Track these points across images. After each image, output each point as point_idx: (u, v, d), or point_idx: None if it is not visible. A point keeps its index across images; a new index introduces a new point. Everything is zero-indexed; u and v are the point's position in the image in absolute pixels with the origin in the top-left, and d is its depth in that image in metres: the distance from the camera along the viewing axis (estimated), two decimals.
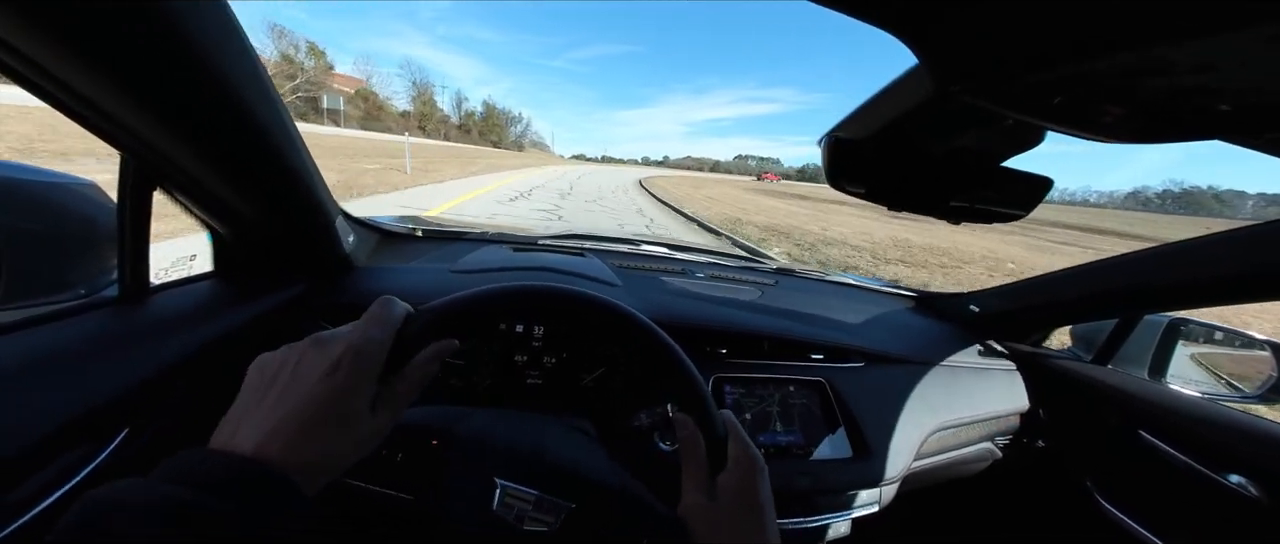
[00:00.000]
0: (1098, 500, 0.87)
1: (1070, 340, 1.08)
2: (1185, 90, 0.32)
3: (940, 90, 0.37)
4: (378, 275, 0.76)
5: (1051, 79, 0.32)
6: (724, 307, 0.86)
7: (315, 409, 0.28)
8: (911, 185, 0.48)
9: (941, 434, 0.85)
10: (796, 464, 0.73)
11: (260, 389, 0.29)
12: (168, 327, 0.47)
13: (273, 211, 0.53)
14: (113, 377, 0.39)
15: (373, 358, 0.31)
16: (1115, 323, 0.94)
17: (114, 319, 0.46)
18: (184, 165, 0.42)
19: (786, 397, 0.79)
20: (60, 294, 0.50)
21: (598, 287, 0.83)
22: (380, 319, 0.33)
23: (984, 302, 1.11)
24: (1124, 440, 0.85)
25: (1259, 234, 0.63)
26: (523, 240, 1.10)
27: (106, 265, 0.55)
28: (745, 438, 0.41)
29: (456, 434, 0.42)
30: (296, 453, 0.27)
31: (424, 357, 0.34)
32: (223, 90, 0.36)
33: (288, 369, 0.30)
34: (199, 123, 0.37)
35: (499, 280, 0.81)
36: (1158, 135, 0.39)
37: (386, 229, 0.98)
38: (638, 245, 1.20)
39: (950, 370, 0.93)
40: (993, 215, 0.50)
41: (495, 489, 0.37)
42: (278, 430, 0.27)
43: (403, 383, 0.33)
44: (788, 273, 1.23)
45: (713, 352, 0.79)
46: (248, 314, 0.55)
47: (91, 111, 0.35)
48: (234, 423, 0.28)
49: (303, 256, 0.63)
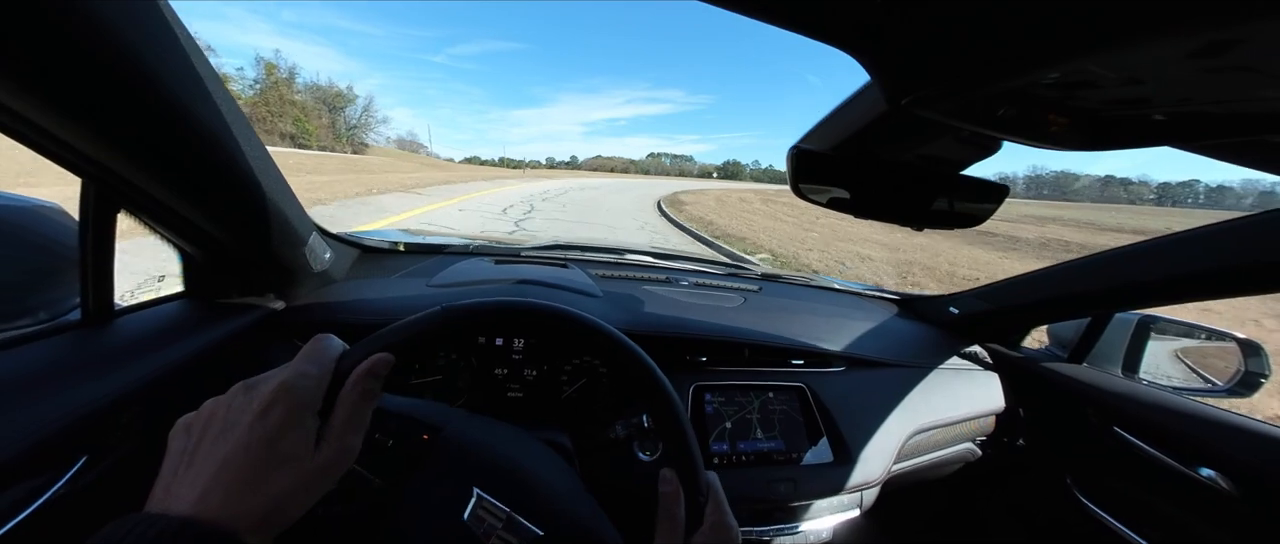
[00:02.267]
0: (1077, 497, 0.88)
1: (1048, 340, 1.10)
2: (1120, 101, 0.34)
3: (893, 104, 0.38)
4: (355, 292, 0.75)
5: (993, 93, 0.33)
6: (704, 315, 0.87)
7: (250, 455, 0.27)
8: (874, 194, 0.49)
9: (922, 436, 0.86)
10: (778, 470, 0.73)
11: (187, 447, 0.28)
12: (132, 350, 0.46)
13: (242, 231, 0.52)
14: (72, 402, 0.39)
15: (308, 393, 0.30)
16: (1088, 321, 0.96)
17: (76, 343, 0.45)
18: (145, 188, 0.42)
19: (767, 403, 0.80)
20: (22, 319, 0.49)
21: (577, 298, 0.83)
22: (313, 355, 0.32)
23: (964, 303, 1.13)
24: (1100, 437, 0.87)
25: (1225, 231, 0.65)
26: (504, 252, 1.09)
27: (70, 289, 0.54)
28: (726, 506, 0.40)
29: (448, 433, 0.41)
30: (239, 504, 0.26)
31: (354, 379, 0.32)
32: (178, 111, 0.36)
33: (217, 420, 0.29)
34: (156, 146, 0.37)
35: (477, 293, 0.81)
36: (1105, 143, 0.40)
37: (366, 244, 0.97)
38: (622, 255, 1.20)
39: (930, 373, 0.94)
40: (954, 221, 0.51)
41: (471, 498, 0.37)
42: (215, 484, 0.26)
43: (340, 413, 0.31)
44: (772, 278, 1.24)
45: (692, 360, 0.79)
46: (219, 335, 0.55)
47: (42, 137, 0.35)
48: (166, 483, 0.27)
49: (277, 275, 0.63)
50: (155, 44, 0.32)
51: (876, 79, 0.37)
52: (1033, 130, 0.39)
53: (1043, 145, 0.42)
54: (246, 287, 0.62)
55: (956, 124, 0.39)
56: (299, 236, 0.61)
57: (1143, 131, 0.38)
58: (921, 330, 1.06)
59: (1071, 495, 0.89)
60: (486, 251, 1.07)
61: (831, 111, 0.49)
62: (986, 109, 0.35)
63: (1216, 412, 0.76)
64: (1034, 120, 0.37)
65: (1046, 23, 0.24)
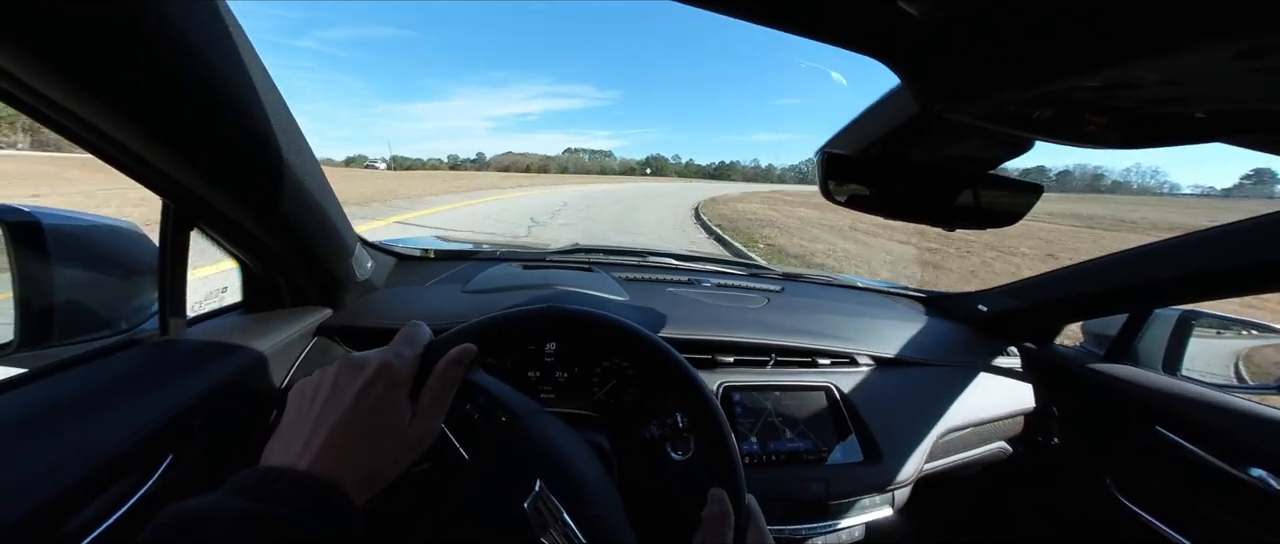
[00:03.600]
0: (1118, 498, 0.86)
1: (1081, 337, 1.07)
2: (1160, 100, 0.34)
3: (925, 109, 0.38)
4: (396, 298, 0.79)
5: (1030, 96, 0.34)
6: (730, 316, 0.87)
7: (356, 424, 0.31)
8: (904, 195, 0.49)
9: (953, 435, 0.85)
10: (808, 470, 0.74)
11: (303, 410, 0.32)
12: (205, 357, 0.50)
13: (299, 244, 0.56)
14: (159, 406, 0.42)
15: (402, 374, 0.34)
16: (1126, 318, 0.94)
17: (158, 352, 0.49)
18: (220, 206, 0.45)
19: (796, 403, 0.80)
20: (104, 331, 0.53)
21: (606, 303, 0.85)
22: (407, 340, 0.36)
23: (992, 301, 1.11)
24: (1141, 437, 0.84)
25: (1271, 223, 0.63)
26: (531, 257, 1.12)
27: (144, 301, 0.58)
28: (765, 529, 0.42)
29: (525, 422, 0.44)
30: (346, 466, 0.29)
31: (444, 364, 0.36)
32: (254, 134, 0.39)
33: (324, 390, 0.32)
34: (232, 166, 0.40)
35: (510, 299, 0.84)
36: (1145, 141, 0.40)
37: (400, 252, 1.01)
38: (644, 257, 1.21)
39: (960, 371, 0.93)
40: (987, 219, 0.51)
41: (533, 489, 0.38)
42: (326, 445, 0.29)
43: (429, 393, 0.35)
44: (794, 278, 1.24)
45: (720, 362, 0.81)
46: (276, 343, 0.58)
47: (131, 160, 0.38)
48: (283, 442, 0.31)
49: (327, 285, 0.66)
50: (239, 73, 0.35)
51: (909, 85, 0.38)
52: (1069, 130, 0.39)
53: (1078, 144, 0.42)
54: (298, 296, 0.65)
55: (990, 127, 0.40)
56: (347, 247, 0.65)
57: (1184, 128, 0.38)
58: (949, 329, 1.05)
59: (1110, 496, 0.87)
60: (514, 257, 1.10)
61: (859, 115, 0.50)
62: (1021, 112, 0.36)
63: (1267, 410, 0.74)
64: (1070, 121, 0.37)
65: (1089, 32, 0.25)
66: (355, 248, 0.69)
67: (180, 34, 0.29)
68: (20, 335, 0.47)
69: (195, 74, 0.32)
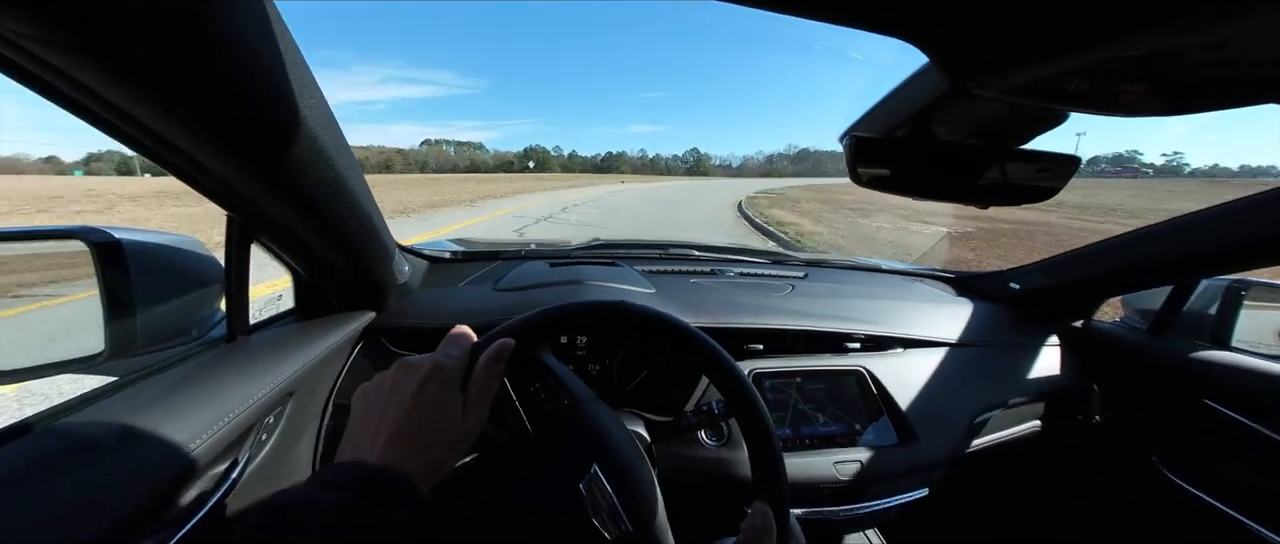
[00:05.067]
0: (1164, 474, 0.84)
1: (1122, 312, 1.04)
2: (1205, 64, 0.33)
3: (956, 87, 0.38)
4: (434, 299, 0.82)
5: (1065, 70, 0.33)
6: (756, 305, 0.88)
7: (414, 421, 0.33)
8: (936, 174, 0.49)
9: (989, 415, 0.84)
10: (842, 452, 0.74)
11: (368, 412, 0.35)
12: (269, 361, 0.54)
13: (351, 251, 0.59)
14: (235, 407, 0.46)
15: (453, 371, 0.37)
16: (1170, 290, 0.90)
17: (228, 356, 0.53)
18: (280, 219, 0.48)
19: (827, 388, 0.81)
20: (178, 339, 0.58)
21: (635, 296, 0.86)
22: (454, 342, 0.40)
23: (1026, 278, 1.08)
24: (1189, 411, 0.82)
25: None
26: (556, 254, 1.15)
27: (209, 310, 0.63)
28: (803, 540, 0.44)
29: (586, 407, 0.46)
30: (411, 459, 0.32)
31: (484, 360, 0.38)
32: (314, 150, 0.42)
33: (385, 392, 0.35)
34: (294, 181, 0.43)
35: (541, 295, 0.86)
36: (1186, 108, 0.39)
37: (430, 255, 1.05)
38: (666, 250, 1.23)
39: (994, 350, 0.92)
40: (1022, 195, 0.51)
41: (589, 472, 0.41)
42: (392, 442, 0.32)
43: (475, 386, 0.37)
44: (818, 264, 1.23)
45: (749, 349, 0.81)
46: (329, 345, 0.62)
47: (205, 176, 0.41)
48: (354, 441, 0.34)
49: (372, 289, 0.70)
50: (299, 90, 0.38)
51: (939, 64, 0.38)
52: (1106, 101, 0.38)
53: (1116, 114, 0.41)
54: (346, 301, 0.69)
55: (1024, 102, 0.39)
56: (389, 252, 0.68)
57: (1230, 91, 0.37)
58: (980, 308, 1.03)
59: (1157, 473, 0.85)
60: (538, 255, 1.13)
61: (885, 97, 0.50)
62: (1057, 84, 0.36)
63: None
64: (1108, 91, 0.37)
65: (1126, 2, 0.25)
66: (395, 252, 0.72)
67: (252, 57, 0.32)
68: (109, 346, 0.52)
69: (262, 93, 0.35)
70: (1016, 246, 7.13)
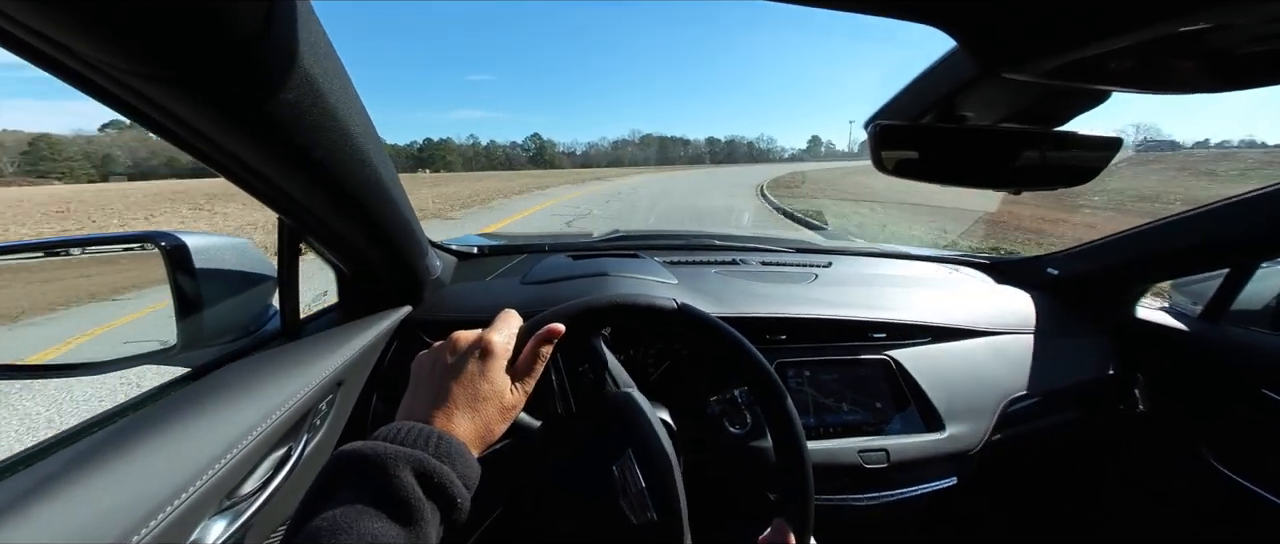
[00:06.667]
0: (1214, 466, 0.80)
1: (1169, 298, 0.99)
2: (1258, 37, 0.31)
3: (986, 72, 0.38)
4: (465, 293, 0.86)
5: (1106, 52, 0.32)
6: (780, 294, 0.88)
7: (468, 389, 0.37)
8: (966, 160, 0.48)
9: (1023, 405, 0.82)
10: (866, 440, 0.74)
11: (423, 380, 0.39)
12: (320, 353, 0.58)
13: (392, 248, 0.63)
14: (296, 391, 0.50)
15: (502, 348, 0.40)
16: (1225, 275, 0.85)
17: (285, 348, 0.57)
18: (328, 220, 0.52)
19: (852, 377, 0.80)
20: (237, 332, 0.63)
21: (659, 287, 0.88)
22: (503, 322, 0.43)
23: (1063, 264, 1.04)
24: (1243, 401, 0.78)
25: None
26: (577, 247, 1.17)
27: (262, 305, 0.68)
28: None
29: (626, 393, 0.49)
30: (464, 424, 0.35)
31: (532, 342, 0.41)
32: (361, 154, 0.45)
33: (440, 363, 0.39)
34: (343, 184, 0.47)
35: (567, 287, 0.89)
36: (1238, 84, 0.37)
37: (459, 251, 1.09)
38: (688, 239, 1.23)
39: (1028, 338, 0.89)
40: (1057, 180, 0.49)
41: (623, 455, 0.43)
42: (448, 407, 0.35)
43: (522, 365, 0.41)
44: (843, 252, 1.21)
45: (773, 339, 0.82)
46: (372, 337, 0.66)
47: (262, 183, 0.45)
48: (410, 407, 0.37)
49: (410, 284, 0.74)
50: (343, 95, 0.41)
51: (968, 49, 0.37)
52: (1153, 79, 0.37)
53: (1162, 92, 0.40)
54: (385, 297, 0.73)
55: (1059, 84, 0.38)
56: (423, 249, 0.72)
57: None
58: (1014, 295, 1.00)
59: (1206, 464, 0.81)
60: (560, 247, 1.15)
61: (910, 83, 0.49)
62: (1096, 65, 0.34)
63: None
64: (1153, 70, 0.35)
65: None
66: (429, 249, 0.76)
67: (307, 72, 0.34)
68: (181, 340, 0.57)
69: (317, 105, 0.37)
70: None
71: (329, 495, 0.29)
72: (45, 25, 0.25)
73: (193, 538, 0.38)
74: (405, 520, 0.29)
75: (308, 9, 0.34)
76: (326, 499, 0.29)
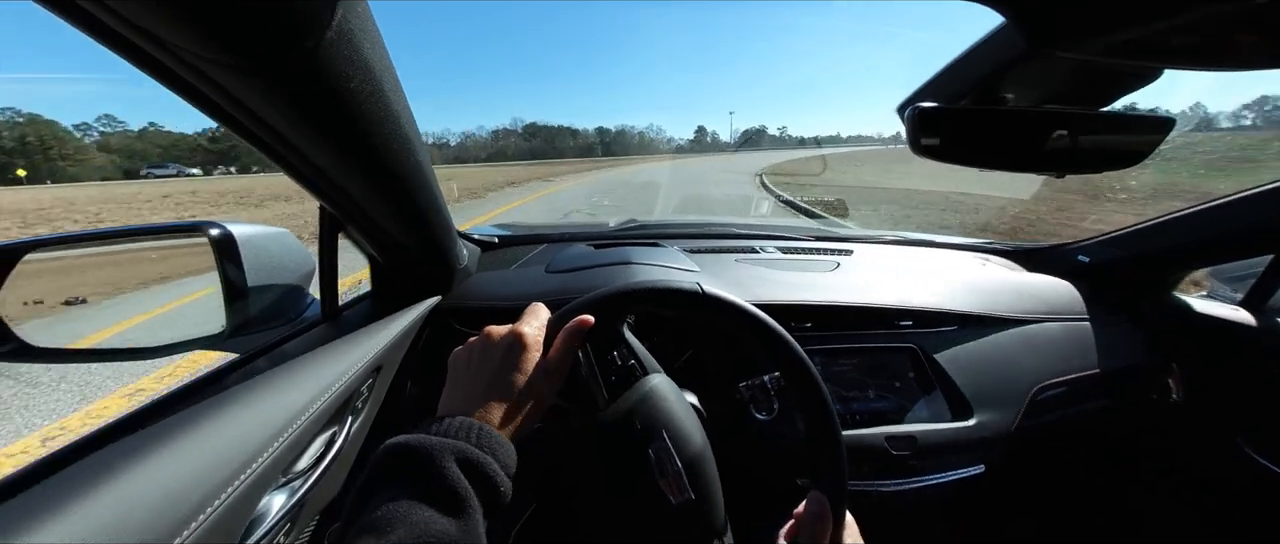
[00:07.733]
0: (1252, 456, 0.79)
1: (1206, 285, 0.96)
2: None
3: (1034, 50, 0.37)
4: (492, 281, 0.87)
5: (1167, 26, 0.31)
6: (803, 282, 0.88)
7: (502, 380, 0.38)
8: (1010, 143, 0.47)
9: (1052, 392, 0.81)
10: (893, 428, 0.74)
11: (461, 374, 0.40)
12: (358, 339, 0.60)
13: (422, 238, 0.65)
14: (341, 374, 0.52)
15: (533, 340, 0.41)
16: (1270, 260, 0.82)
17: (326, 335, 0.59)
18: (372, 208, 0.54)
19: (878, 364, 0.80)
20: (280, 319, 0.65)
21: (683, 275, 0.88)
22: (533, 315, 0.44)
23: (1095, 251, 1.01)
24: None
25: None
26: (597, 235, 1.18)
27: (302, 293, 0.70)
28: (859, 538, 0.46)
29: (657, 380, 0.50)
30: (500, 413, 0.37)
31: (563, 335, 0.43)
32: (405, 145, 0.46)
33: (476, 357, 0.41)
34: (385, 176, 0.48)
35: (591, 276, 0.89)
36: None
37: (480, 240, 1.10)
38: (707, 227, 1.23)
39: (1058, 325, 0.88)
40: (1104, 163, 0.48)
41: (658, 438, 0.44)
42: (484, 398, 0.37)
43: (553, 356, 0.42)
44: (864, 240, 1.20)
45: (798, 327, 0.82)
46: (405, 325, 0.68)
47: (312, 171, 0.46)
48: (449, 400, 0.39)
49: (441, 273, 0.76)
50: (392, 88, 0.42)
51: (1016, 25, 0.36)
52: (1211, 56, 0.36)
53: (1221, 68, 0.38)
54: (417, 285, 0.75)
55: (1111, 62, 0.37)
56: (453, 238, 0.73)
57: None
58: (1043, 283, 0.98)
59: (1241, 454, 0.80)
60: (580, 236, 1.16)
61: (949, 63, 0.48)
62: (1156, 41, 0.33)
63: None
64: (1215, 45, 0.34)
65: None
66: (457, 239, 0.77)
67: (368, 66, 0.36)
68: (229, 326, 0.59)
69: (371, 89, 0.39)
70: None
71: (379, 488, 0.31)
72: (143, 18, 0.27)
73: (259, 508, 0.40)
74: (454, 510, 0.30)
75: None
76: (377, 492, 0.30)
